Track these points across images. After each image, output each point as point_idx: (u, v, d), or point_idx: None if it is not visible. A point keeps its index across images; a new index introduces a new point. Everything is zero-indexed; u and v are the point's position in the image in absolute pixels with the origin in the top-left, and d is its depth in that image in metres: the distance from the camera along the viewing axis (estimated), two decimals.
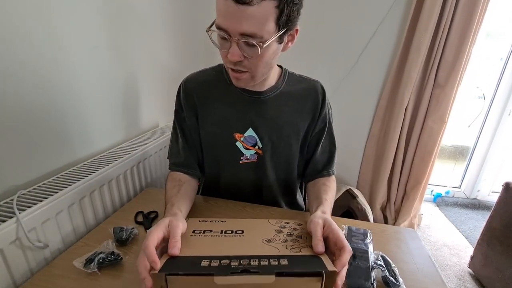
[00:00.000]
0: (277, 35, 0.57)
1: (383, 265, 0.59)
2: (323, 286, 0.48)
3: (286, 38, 0.62)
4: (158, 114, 1.24)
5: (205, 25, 0.62)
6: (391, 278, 0.57)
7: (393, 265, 0.60)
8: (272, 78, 0.73)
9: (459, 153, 2.18)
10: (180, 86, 0.77)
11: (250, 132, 0.74)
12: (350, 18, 1.51)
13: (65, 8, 0.75)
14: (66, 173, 0.76)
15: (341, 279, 0.45)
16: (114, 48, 0.94)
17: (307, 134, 0.78)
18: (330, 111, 0.80)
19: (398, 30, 1.50)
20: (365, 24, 1.51)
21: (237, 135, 0.74)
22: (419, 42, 1.43)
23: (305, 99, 0.75)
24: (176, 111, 0.79)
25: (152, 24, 1.14)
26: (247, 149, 0.75)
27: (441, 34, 1.42)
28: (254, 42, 0.55)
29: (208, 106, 0.75)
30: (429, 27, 1.40)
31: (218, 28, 0.57)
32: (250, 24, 0.53)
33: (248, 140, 0.74)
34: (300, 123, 0.76)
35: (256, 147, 0.75)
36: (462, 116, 2.00)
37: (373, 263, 0.60)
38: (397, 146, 1.67)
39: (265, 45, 0.56)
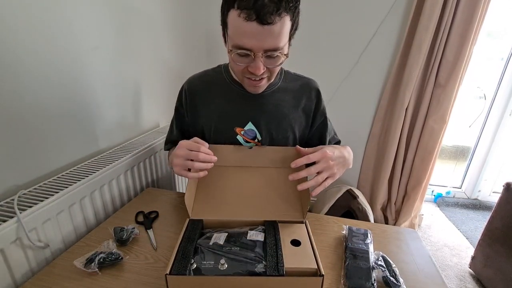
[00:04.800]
0: (289, 42, 0.64)
1: (384, 265, 0.59)
2: (322, 285, 0.48)
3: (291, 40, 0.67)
4: (159, 114, 1.24)
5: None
6: (391, 278, 0.57)
7: (393, 266, 0.60)
8: None
9: (460, 153, 2.17)
10: (183, 86, 0.82)
11: (250, 126, 0.77)
12: (350, 18, 1.51)
13: (66, 8, 0.75)
14: (66, 173, 0.76)
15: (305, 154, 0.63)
16: (115, 49, 0.94)
17: (306, 129, 0.83)
18: (325, 107, 0.85)
19: (399, 30, 1.50)
20: (365, 24, 1.50)
21: (237, 129, 0.78)
22: (419, 42, 1.42)
23: (301, 96, 0.80)
24: (176, 108, 0.85)
25: (154, 25, 1.14)
26: (247, 142, 0.78)
27: (442, 34, 1.42)
28: (277, 54, 0.61)
29: (210, 104, 0.79)
30: (430, 27, 1.39)
31: (240, 48, 0.60)
32: (273, 40, 0.59)
33: (248, 134, 0.78)
34: (296, 118, 0.80)
35: (256, 140, 0.78)
36: (463, 116, 2.00)
37: (373, 264, 0.60)
38: (397, 146, 1.66)
39: (284, 53, 0.63)
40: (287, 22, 0.58)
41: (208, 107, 0.79)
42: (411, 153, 1.68)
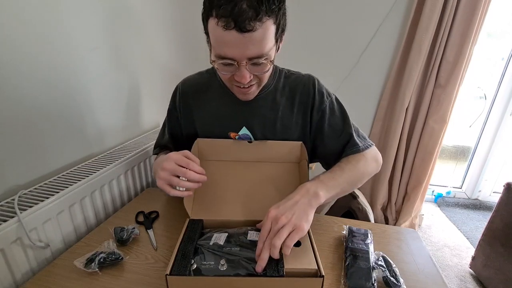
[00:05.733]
0: (276, 46, 0.61)
1: (384, 265, 0.59)
2: (323, 286, 0.48)
3: (280, 43, 0.65)
4: (159, 114, 1.24)
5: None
6: (392, 278, 0.57)
7: (394, 266, 0.60)
8: None
9: (460, 153, 2.17)
10: (176, 88, 0.81)
11: (244, 130, 0.75)
12: (351, 18, 1.51)
13: (63, 9, 0.75)
14: (67, 173, 0.77)
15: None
16: (115, 49, 0.95)
17: (305, 127, 0.77)
18: (329, 98, 0.77)
19: (399, 30, 1.50)
20: (366, 24, 1.50)
21: (231, 134, 0.76)
22: (420, 42, 1.42)
23: (294, 94, 0.76)
24: (169, 110, 0.83)
25: (152, 25, 1.14)
26: None
27: (442, 34, 1.42)
28: (262, 61, 0.58)
29: (203, 107, 0.77)
30: (430, 27, 1.39)
31: (223, 58, 0.57)
32: (256, 47, 0.55)
33: (242, 138, 0.76)
34: (292, 119, 0.76)
35: None
36: (463, 116, 2.00)
37: (374, 264, 0.60)
38: (398, 146, 1.66)
39: (271, 60, 0.60)
40: (270, 26, 0.55)
41: (202, 110, 0.77)
42: (411, 153, 1.68)
